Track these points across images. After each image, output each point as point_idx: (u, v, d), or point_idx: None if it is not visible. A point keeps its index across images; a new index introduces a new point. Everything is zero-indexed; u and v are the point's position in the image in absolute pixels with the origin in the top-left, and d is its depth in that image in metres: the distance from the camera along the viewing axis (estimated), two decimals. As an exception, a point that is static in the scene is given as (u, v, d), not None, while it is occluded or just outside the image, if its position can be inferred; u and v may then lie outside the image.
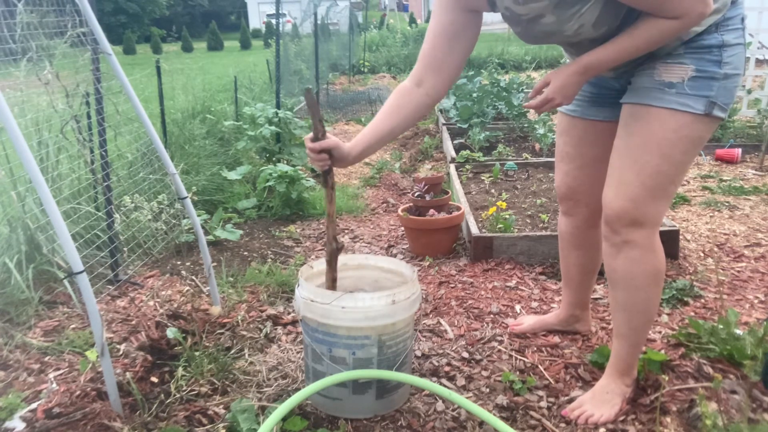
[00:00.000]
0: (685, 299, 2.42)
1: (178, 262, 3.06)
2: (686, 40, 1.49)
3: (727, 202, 3.70)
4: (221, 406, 1.81)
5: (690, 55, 1.49)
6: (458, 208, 3.20)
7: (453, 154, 4.80)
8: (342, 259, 2.03)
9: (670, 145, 1.53)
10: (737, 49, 1.50)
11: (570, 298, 2.15)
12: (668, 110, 1.52)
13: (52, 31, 2.46)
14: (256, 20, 41.17)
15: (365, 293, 1.74)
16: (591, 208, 1.92)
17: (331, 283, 1.82)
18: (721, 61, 1.48)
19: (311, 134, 1.64)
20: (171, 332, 2.10)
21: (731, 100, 1.54)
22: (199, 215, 3.13)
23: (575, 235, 2.01)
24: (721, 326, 1.97)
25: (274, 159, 4.54)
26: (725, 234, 3.18)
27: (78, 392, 1.79)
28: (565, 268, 2.11)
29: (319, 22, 9.01)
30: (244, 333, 2.25)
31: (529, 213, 3.45)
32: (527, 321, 2.26)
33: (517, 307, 2.45)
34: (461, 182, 4.07)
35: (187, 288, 2.69)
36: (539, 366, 2.00)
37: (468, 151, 4.70)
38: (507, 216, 3.14)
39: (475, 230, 2.99)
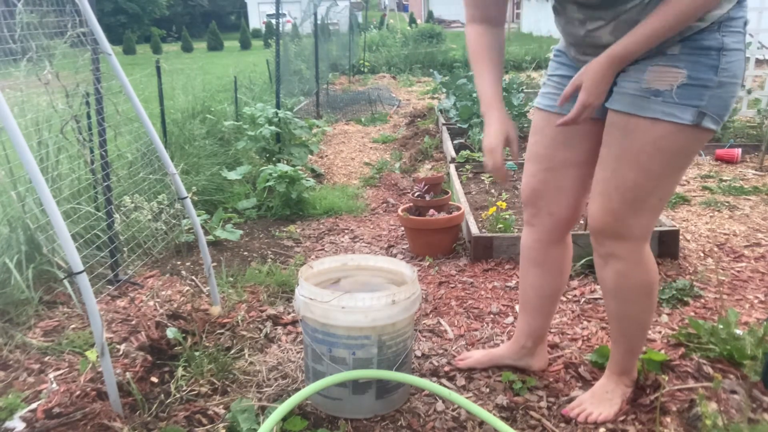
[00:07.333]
0: (685, 299, 2.42)
1: (178, 262, 3.06)
2: (685, 37, 1.40)
3: (727, 202, 3.70)
4: (221, 406, 1.81)
5: (686, 56, 1.39)
6: (458, 208, 3.20)
7: (453, 154, 4.80)
8: (342, 259, 2.04)
9: (647, 158, 1.46)
10: (736, 55, 1.40)
11: (523, 326, 1.94)
12: (650, 120, 1.43)
13: (52, 31, 2.46)
14: (256, 20, 41.12)
15: (365, 293, 1.74)
16: (554, 218, 1.77)
17: None
18: (718, 67, 1.38)
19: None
20: (171, 332, 2.10)
21: (726, 111, 1.43)
22: (199, 215, 3.13)
23: (535, 249, 1.84)
24: (721, 326, 1.97)
25: (274, 159, 4.54)
26: (725, 234, 3.18)
27: (78, 392, 1.79)
28: (522, 289, 1.95)
29: (319, 22, 9.01)
30: (244, 333, 2.25)
31: (529, 213, 3.44)
32: (474, 355, 2.03)
33: (517, 307, 2.45)
34: (461, 182, 4.07)
35: (187, 288, 2.69)
36: (539, 366, 2.00)
37: (468, 151, 4.70)
38: (507, 216, 3.14)
39: (475, 230, 2.99)
